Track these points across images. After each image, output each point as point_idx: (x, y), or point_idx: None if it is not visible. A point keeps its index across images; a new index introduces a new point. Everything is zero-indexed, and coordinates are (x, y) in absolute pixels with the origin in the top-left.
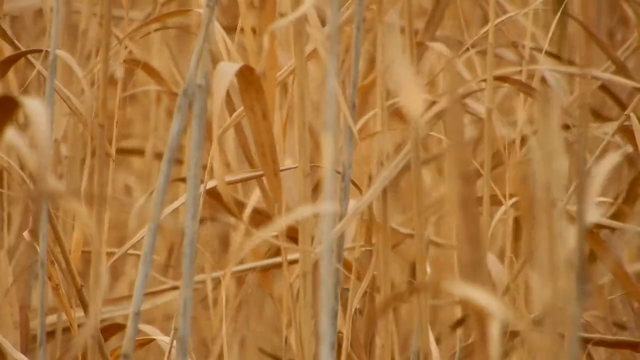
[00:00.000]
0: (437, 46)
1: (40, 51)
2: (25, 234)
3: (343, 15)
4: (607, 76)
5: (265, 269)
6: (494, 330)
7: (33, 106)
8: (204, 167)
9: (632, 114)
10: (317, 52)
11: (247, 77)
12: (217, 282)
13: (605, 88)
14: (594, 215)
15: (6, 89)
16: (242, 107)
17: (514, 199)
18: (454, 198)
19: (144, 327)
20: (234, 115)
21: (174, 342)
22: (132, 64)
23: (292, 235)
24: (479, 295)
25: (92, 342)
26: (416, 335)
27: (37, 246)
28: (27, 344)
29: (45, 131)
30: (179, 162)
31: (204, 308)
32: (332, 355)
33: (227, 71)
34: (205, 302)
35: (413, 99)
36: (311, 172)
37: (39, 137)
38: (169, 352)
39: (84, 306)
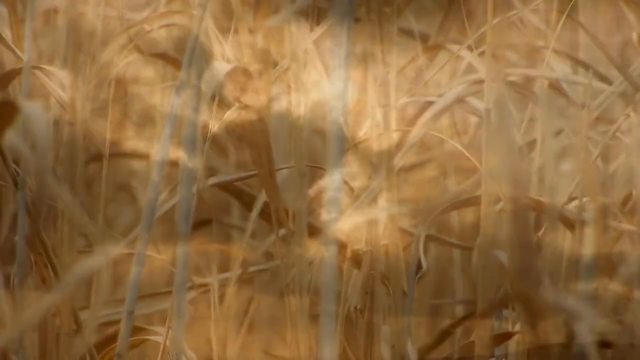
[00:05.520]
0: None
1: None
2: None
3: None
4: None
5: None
6: (588, 342)
7: (32, 110)
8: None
9: (631, 113)
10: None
11: (242, 77)
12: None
13: None
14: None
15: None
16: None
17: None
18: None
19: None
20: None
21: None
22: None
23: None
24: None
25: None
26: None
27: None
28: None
29: (44, 134)
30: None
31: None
32: (333, 356)
33: (219, 70)
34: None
35: None
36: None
37: (38, 140)
38: (163, 349)
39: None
